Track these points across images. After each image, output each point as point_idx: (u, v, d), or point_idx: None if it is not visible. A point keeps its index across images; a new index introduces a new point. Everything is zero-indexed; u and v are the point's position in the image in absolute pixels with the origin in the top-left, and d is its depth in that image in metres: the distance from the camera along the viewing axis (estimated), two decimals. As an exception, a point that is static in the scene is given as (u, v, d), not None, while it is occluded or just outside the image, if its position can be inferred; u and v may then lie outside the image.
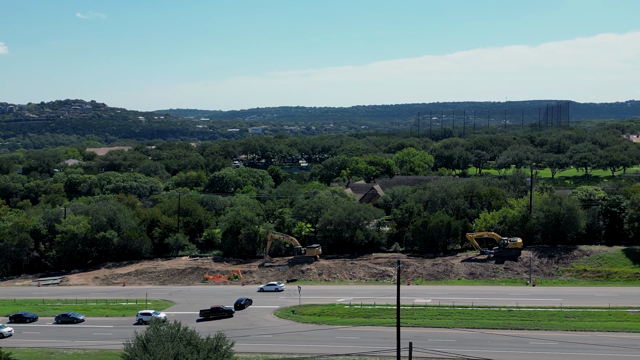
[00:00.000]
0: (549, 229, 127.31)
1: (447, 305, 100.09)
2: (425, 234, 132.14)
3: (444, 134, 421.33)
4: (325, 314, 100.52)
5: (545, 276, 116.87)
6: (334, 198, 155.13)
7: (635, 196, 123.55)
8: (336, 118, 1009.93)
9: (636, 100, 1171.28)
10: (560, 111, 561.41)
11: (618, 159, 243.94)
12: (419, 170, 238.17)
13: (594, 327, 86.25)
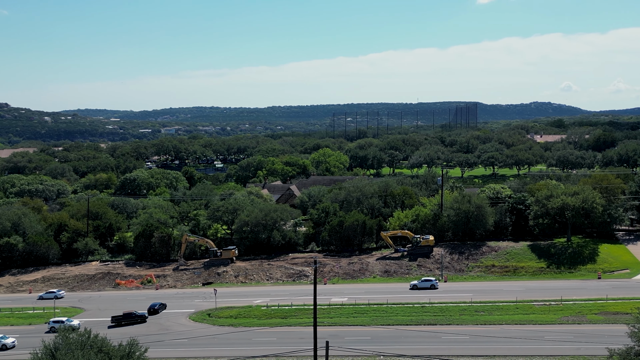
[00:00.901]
0: (459, 227, 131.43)
1: (363, 303, 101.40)
2: (341, 234, 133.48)
3: (358, 135, 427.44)
4: (242, 316, 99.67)
5: (456, 272, 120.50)
6: (250, 199, 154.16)
7: (539, 194, 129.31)
8: (252, 119, 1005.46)
9: (540, 101, 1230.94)
10: (469, 112, 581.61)
11: (523, 158, 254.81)
12: (334, 171, 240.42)
13: (503, 321, 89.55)
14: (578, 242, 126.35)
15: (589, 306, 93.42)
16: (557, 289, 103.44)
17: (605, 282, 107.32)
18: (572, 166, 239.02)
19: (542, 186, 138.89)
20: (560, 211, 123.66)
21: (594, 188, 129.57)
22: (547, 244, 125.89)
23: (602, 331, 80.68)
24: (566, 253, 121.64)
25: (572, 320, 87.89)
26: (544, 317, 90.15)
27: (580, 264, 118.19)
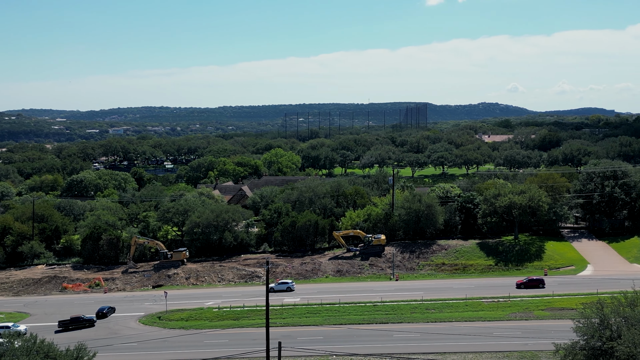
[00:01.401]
0: (410, 226, 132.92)
1: (316, 303, 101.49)
2: (294, 234, 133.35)
3: (310, 135, 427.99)
4: (193, 319, 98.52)
5: (408, 271, 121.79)
6: (201, 200, 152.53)
7: (488, 193, 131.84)
8: (202, 119, 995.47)
9: (488, 102, 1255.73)
10: (419, 113, 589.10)
11: (472, 157, 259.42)
12: (286, 171, 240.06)
13: (453, 318, 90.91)
14: (525, 240, 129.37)
15: (536, 302, 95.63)
16: (505, 286, 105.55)
17: (551, 279, 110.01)
18: (519, 165, 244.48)
19: (490, 185, 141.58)
20: (508, 210, 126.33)
21: (540, 187, 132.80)
22: (495, 241, 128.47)
23: (549, 327, 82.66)
24: (514, 250, 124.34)
25: (520, 316, 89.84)
26: (492, 313, 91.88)
27: (527, 261, 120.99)
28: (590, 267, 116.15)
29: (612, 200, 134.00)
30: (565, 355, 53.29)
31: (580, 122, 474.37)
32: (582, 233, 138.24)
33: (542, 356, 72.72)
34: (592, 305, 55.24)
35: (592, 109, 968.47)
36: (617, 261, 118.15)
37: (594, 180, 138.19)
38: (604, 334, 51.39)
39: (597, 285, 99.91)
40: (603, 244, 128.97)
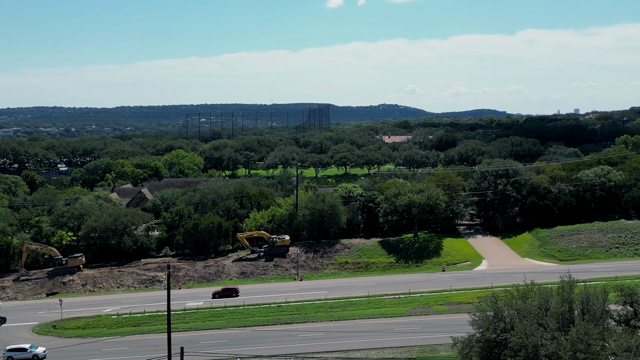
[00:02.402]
0: (314, 225, 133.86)
1: (219, 306, 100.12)
2: (197, 237, 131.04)
3: (213, 136, 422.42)
4: (91, 327, 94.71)
5: (312, 270, 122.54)
6: (98, 203, 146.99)
7: (388, 192, 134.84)
8: (99, 119, 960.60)
9: (388, 104, 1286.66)
10: (322, 114, 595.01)
11: (373, 158, 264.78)
12: (188, 173, 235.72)
13: (356, 316, 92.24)
14: (424, 237, 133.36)
15: (434, 297, 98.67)
16: (406, 282, 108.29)
17: (449, 274, 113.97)
18: (417, 165, 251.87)
19: (391, 185, 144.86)
20: (408, 208, 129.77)
21: (437, 186, 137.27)
22: (396, 239, 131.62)
23: (447, 321, 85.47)
24: (413, 248, 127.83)
25: (420, 311, 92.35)
26: (394, 310, 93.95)
27: (426, 257, 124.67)
28: (485, 262, 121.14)
29: (505, 197, 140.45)
30: (463, 347, 55.11)
31: (474, 123, 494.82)
32: (477, 229, 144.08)
33: (441, 349, 75.03)
34: (487, 299, 57.47)
35: (486, 111, 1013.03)
36: (509, 256, 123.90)
37: (487, 179, 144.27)
38: (498, 326, 53.52)
39: (492, 279, 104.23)
40: (497, 240, 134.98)
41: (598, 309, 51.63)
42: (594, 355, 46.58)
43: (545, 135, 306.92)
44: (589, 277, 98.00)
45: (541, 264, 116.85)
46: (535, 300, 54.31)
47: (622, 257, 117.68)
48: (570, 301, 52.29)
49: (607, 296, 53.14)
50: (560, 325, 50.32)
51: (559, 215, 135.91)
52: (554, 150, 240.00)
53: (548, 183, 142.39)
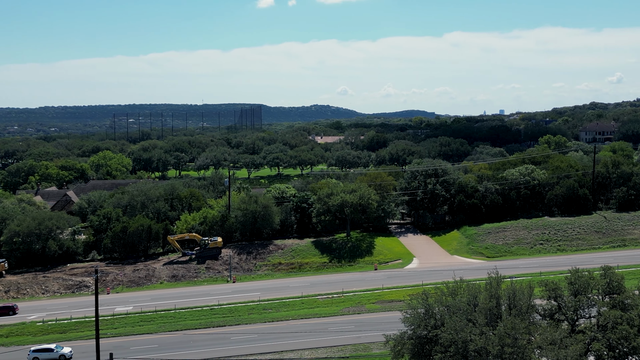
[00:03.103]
0: (247, 227, 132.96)
1: (150, 310, 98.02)
2: (125, 240, 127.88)
3: (142, 137, 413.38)
4: (15, 334, 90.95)
5: (245, 272, 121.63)
6: (21, 207, 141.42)
7: (321, 192, 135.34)
8: (21, 120, 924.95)
9: (320, 104, 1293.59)
10: (254, 114, 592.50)
11: (306, 158, 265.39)
12: (116, 174, 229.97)
13: (290, 316, 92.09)
14: (357, 237, 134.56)
15: (367, 296, 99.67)
16: (339, 282, 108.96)
17: (381, 273, 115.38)
18: (349, 165, 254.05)
19: (324, 185, 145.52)
20: (340, 208, 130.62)
21: (369, 185, 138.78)
22: (329, 239, 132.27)
23: (380, 319, 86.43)
24: (346, 247, 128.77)
25: (353, 310, 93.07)
26: (327, 309, 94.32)
27: (359, 256, 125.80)
28: (416, 260, 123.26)
29: (434, 196, 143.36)
30: (395, 345, 55.83)
31: (404, 124, 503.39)
32: (408, 228, 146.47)
33: (373, 347, 75.79)
34: (418, 296, 58.38)
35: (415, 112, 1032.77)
36: (439, 253, 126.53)
37: (417, 179, 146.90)
38: (429, 322, 54.47)
39: (423, 277, 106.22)
40: (427, 238, 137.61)
41: (524, 304, 53.26)
42: (521, 349, 48.00)
43: (472, 136, 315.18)
44: (515, 273, 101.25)
45: (470, 261, 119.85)
46: (465, 296, 55.55)
47: (546, 253, 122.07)
48: (497, 297, 53.73)
49: (533, 291, 54.87)
50: (488, 320, 51.64)
51: (486, 213, 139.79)
52: (481, 150, 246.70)
53: (475, 182, 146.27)
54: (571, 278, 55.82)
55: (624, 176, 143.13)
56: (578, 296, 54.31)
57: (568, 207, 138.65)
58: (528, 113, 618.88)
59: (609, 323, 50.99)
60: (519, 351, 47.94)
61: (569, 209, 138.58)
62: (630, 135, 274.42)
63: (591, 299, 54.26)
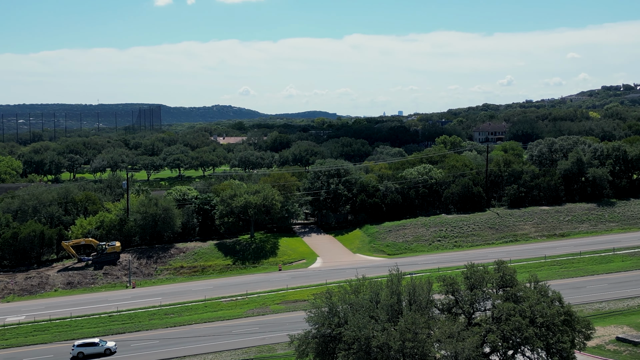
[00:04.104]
0: (147, 230, 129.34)
1: (44, 320, 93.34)
2: (16, 246, 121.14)
3: (33, 138, 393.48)
4: None
5: (145, 277, 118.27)
6: None
7: (224, 194, 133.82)
8: None
9: (221, 105, 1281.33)
10: (153, 115, 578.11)
11: (208, 159, 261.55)
12: (5, 178, 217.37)
13: (192, 320, 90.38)
14: (261, 238, 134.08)
15: (272, 297, 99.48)
16: (243, 284, 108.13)
17: (286, 273, 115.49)
18: (253, 166, 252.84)
19: (227, 186, 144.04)
20: (244, 209, 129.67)
21: (273, 186, 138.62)
22: (233, 241, 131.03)
23: (284, 319, 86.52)
24: (250, 249, 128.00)
25: (257, 312, 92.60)
26: (231, 312, 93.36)
27: (263, 258, 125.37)
28: (319, 259, 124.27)
29: (337, 196, 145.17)
30: (299, 344, 55.95)
31: (307, 125, 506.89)
32: (312, 228, 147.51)
33: (278, 348, 75.71)
34: (322, 295, 58.80)
35: (317, 112, 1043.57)
36: (342, 252, 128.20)
37: (320, 179, 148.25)
38: (332, 321, 54.96)
39: (326, 276, 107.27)
40: (330, 237, 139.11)
41: (423, 299, 54.78)
42: (421, 343, 49.31)
43: (373, 136, 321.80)
44: (415, 269, 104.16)
45: (372, 259, 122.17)
46: (367, 294, 56.47)
47: (444, 249, 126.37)
48: (398, 293, 54.97)
49: (431, 286, 56.55)
50: (390, 316, 52.72)
51: (387, 212, 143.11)
52: (381, 150, 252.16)
53: (376, 182, 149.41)
54: (467, 273, 57.89)
55: (515, 174, 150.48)
56: (474, 290, 56.40)
57: (463, 205, 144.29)
58: (425, 114, 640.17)
59: (502, 315, 53.26)
60: (419, 345, 49.24)
61: (464, 207, 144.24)
62: (520, 135, 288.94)
63: (486, 292, 56.48)
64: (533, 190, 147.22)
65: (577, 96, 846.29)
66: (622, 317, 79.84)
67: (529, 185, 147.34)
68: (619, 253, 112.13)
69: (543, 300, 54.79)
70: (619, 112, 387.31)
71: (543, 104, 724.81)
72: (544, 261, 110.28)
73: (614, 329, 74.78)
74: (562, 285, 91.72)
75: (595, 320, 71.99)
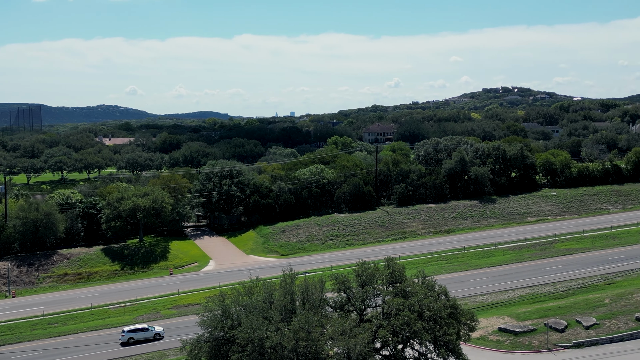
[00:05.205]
0: (27, 237, 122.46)
1: None
2: None
3: None
4: None
5: (27, 285, 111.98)
6: None
7: (111, 197, 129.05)
8: None
9: (107, 104, 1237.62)
10: (33, 115, 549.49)
11: (93, 161, 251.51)
12: None
13: (78, 329, 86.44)
14: (150, 242, 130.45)
15: (162, 302, 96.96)
16: (132, 290, 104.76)
17: (177, 277, 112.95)
18: (141, 168, 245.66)
19: (113, 189, 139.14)
20: (132, 213, 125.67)
21: (163, 188, 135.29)
22: (121, 246, 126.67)
23: (176, 324, 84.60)
24: (139, 253, 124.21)
25: (147, 318, 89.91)
26: (120, 319, 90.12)
27: (153, 262, 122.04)
28: (212, 262, 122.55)
29: (230, 197, 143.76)
30: (192, 349, 54.81)
31: (198, 125, 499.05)
32: (204, 230, 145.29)
33: (170, 354, 73.91)
34: (215, 298, 57.93)
35: (209, 113, 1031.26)
36: (236, 254, 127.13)
37: (212, 180, 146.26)
38: (226, 323, 54.25)
39: (219, 278, 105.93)
40: (223, 239, 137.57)
41: (316, 298, 55.22)
42: (314, 341, 49.66)
43: (266, 137, 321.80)
44: (308, 268, 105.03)
45: (266, 260, 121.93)
46: (261, 295, 56.22)
47: (336, 248, 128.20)
48: (292, 293, 55.10)
49: (324, 285, 57.11)
50: (283, 316, 52.74)
51: (280, 212, 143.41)
52: (274, 151, 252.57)
53: (269, 182, 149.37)
54: (358, 270, 58.93)
55: (403, 174, 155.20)
56: (365, 287, 57.50)
57: (355, 204, 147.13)
58: (317, 115, 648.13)
59: (392, 310, 54.62)
60: (313, 344, 49.57)
61: (355, 206, 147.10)
62: (408, 136, 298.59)
63: (377, 289, 57.73)
64: (420, 189, 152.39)
65: (460, 98, 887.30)
66: (503, 309, 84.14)
67: (416, 184, 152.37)
68: (499, 247, 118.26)
69: (430, 295, 56.71)
70: (498, 113, 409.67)
71: (428, 105, 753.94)
72: (430, 257, 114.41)
73: (496, 320, 78.65)
74: (448, 279, 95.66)
75: (479, 312, 75.45)
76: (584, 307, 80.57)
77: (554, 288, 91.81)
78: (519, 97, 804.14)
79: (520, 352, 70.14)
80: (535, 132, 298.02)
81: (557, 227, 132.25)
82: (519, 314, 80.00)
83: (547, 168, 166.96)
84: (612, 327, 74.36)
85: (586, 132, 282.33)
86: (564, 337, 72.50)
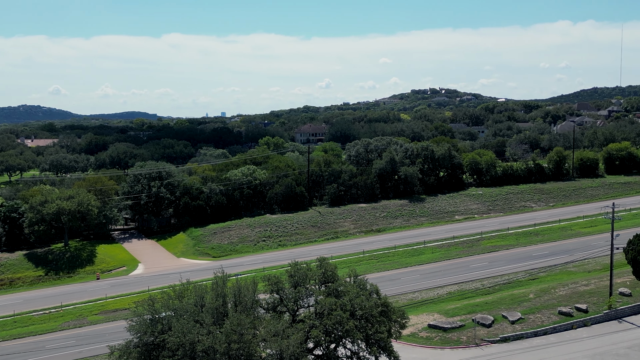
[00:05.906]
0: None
1: None
2: None
3: None
4: None
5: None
6: None
7: (34, 200, 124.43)
8: None
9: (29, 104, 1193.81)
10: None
11: (14, 163, 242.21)
12: None
13: (0, 337, 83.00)
14: (76, 246, 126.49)
15: (89, 308, 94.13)
16: (57, 295, 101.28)
17: (105, 282, 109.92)
18: (66, 170, 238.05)
19: (37, 192, 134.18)
20: (57, 216, 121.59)
21: (89, 191, 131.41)
22: (44, 250, 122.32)
23: (104, 330, 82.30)
24: (64, 258, 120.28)
25: (74, 324, 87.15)
26: (44, 326, 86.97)
27: (79, 267, 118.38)
28: (141, 266, 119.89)
29: (159, 199, 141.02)
30: (120, 355, 53.36)
31: (125, 126, 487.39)
32: (133, 234, 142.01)
33: (98, 361, 71.82)
34: (144, 303, 56.56)
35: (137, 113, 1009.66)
36: (166, 257, 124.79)
37: (141, 182, 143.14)
38: (155, 328, 53.05)
39: (149, 282, 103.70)
40: (152, 243, 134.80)
41: (249, 300, 54.76)
42: (247, 343, 49.22)
43: (196, 138, 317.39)
44: (240, 270, 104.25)
45: (197, 262, 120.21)
46: (192, 298, 55.28)
47: (269, 249, 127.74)
48: (224, 295, 54.43)
49: (257, 286, 56.67)
50: (215, 319, 52.04)
51: (211, 214, 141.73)
52: (205, 152, 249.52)
53: (200, 184, 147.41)
54: (291, 271, 58.82)
55: (335, 174, 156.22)
56: (298, 287, 57.44)
57: (287, 205, 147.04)
58: (248, 115, 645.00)
59: (325, 310, 54.78)
60: (245, 346, 49.12)
61: (288, 206, 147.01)
62: (339, 136, 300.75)
63: (309, 289, 57.78)
64: (352, 189, 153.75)
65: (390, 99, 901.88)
66: (433, 305, 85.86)
67: (347, 184, 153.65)
68: (429, 245, 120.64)
69: (362, 294, 57.19)
70: (426, 114, 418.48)
71: (359, 106, 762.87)
72: (362, 256, 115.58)
73: (426, 317, 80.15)
74: (380, 278, 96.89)
75: (409, 309, 76.71)
76: (509, 302, 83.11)
77: (481, 284, 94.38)
78: (447, 99, 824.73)
79: (449, 347, 71.70)
80: (462, 132, 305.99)
81: (483, 224, 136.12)
82: (448, 311, 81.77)
83: (473, 167, 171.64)
84: (536, 321, 77.00)
85: (510, 133, 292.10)
86: (491, 332, 74.57)
